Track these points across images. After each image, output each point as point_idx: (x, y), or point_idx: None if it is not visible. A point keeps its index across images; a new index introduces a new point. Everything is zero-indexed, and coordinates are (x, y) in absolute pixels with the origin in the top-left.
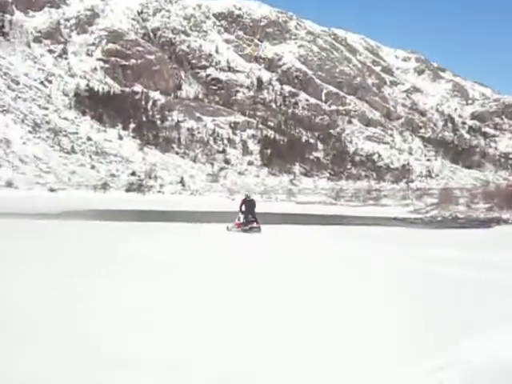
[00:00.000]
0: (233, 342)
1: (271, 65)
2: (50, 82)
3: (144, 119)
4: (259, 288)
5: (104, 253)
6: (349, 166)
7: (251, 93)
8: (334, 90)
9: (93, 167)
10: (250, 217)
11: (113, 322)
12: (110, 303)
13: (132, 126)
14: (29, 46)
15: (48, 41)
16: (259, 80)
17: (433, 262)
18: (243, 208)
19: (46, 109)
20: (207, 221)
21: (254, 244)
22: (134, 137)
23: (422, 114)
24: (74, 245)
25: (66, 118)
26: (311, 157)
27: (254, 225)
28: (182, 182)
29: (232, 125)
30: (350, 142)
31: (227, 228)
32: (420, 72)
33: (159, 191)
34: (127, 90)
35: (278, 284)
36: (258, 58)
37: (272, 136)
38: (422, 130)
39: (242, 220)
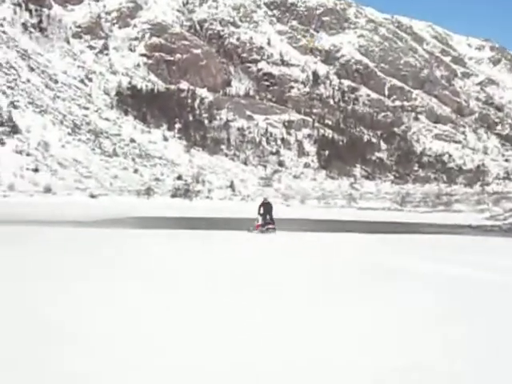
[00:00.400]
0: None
1: (328, 57)
2: (91, 79)
3: (191, 119)
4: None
5: (115, 263)
6: (415, 168)
7: (307, 88)
8: (399, 83)
9: (136, 171)
10: (267, 218)
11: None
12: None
13: (178, 126)
14: (68, 42)
15: (88, 36)
16: (315, 74)
17: None
18: (261, 210)
19: (87, 109)
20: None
21: (307, 255)
22: (179, 138)
23: (499, 108)
24: (76, 253)
25: (107, 119)
26: (373, 158)
27: (270, 226)
28: (231, 186)
29: (286, 124)
30: (417, 141)
31: (248, 230)
32: (495, 62)
33: (207, 197)
34: (172, 87)
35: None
36: (313, 49)
37: (330, 135)
38: (499, 127)
39: (260, 222)
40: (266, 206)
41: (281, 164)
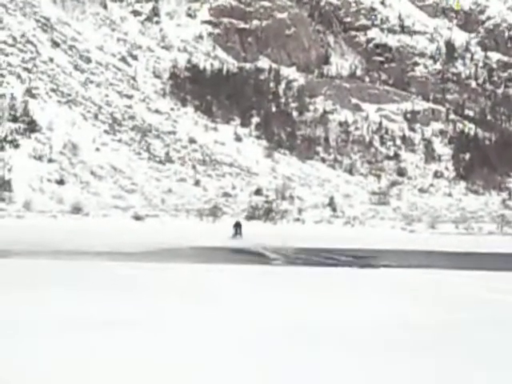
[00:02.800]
0: None
1: (468, 21)
2: (136, 57)
3: (273, 110)
4: None
5: None
6: None
7: (437, 65)
8: None
9: (197, 183)
10: None
11: None
12: None
13: (255, 120)
14: (104, 7)
15: None
16: (450, 45)
17: None
18: None
19: (130, 97)
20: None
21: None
22: (258, 137)
23: None
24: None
25: (158, 111)
26: None
27: None
28: (331, 204)
29: (408, 116)
30: None
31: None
32: None
33: (297, 219)
34: (248, 66)
35: None
36: (446, 10)
37: (472, 132)
38: None
39: None
40: None
41: (401, 173)
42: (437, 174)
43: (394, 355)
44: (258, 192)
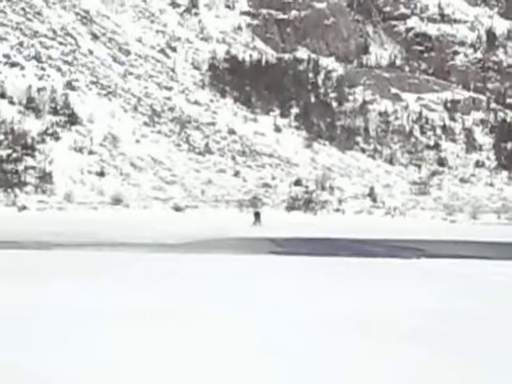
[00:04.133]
0: None
1: (509, 9)
2: (174, 49)
3: (312, 100)
4: None
5: None
6: None
7: (478, 54)
8: None
9: (237, 174)
10: None
11: None
12: None
13: (294, 111)
14: None
15: None
16: (491, 33)
17: None
18: None
19: (169, 89)
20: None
21: None
22: (297, 127)
23: None
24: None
25: (197, 102)
26: None
27: None
28: (371, 194)
29: (448, 105)
30: None
31: None
32: None
33: (337, 209)
34: (287, 56)
35: None
36: None
37: None
38: None
39: None
40: None
41: (442, 163)
42: (478, 164)
43: (448, 345)
44: (298, 183)
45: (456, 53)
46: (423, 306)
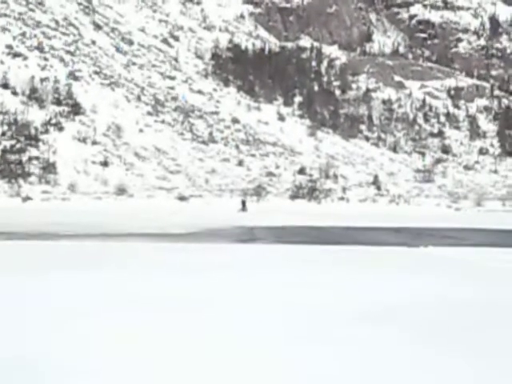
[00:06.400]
0: None
1: None
2: (177, 38)
3: (316, 89)
4: None
5: None
6: None
7: (481, 41)
8: None
9: (241, 163)
10: None
11: None
12: None
13: (298, 99)
14: None
15: None
16: (494, 20)
17: None
18: None
19: (172, 78)
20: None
21: None
22: (301, 116)
23: None
24: None
25: (200, 92)
26: None
27: None
28: (376, 182)
29: (452, 92)
30: None
31: None
32: None
33: (341, 198)
34: (290, 45)
35: None
36: None
37: None
38: None
39: None
40: None
41: (446, 150)
42: (482, 151)
43: (465, 336)
44: (302, 171)
45: (459, 40)
46: (434, 294)
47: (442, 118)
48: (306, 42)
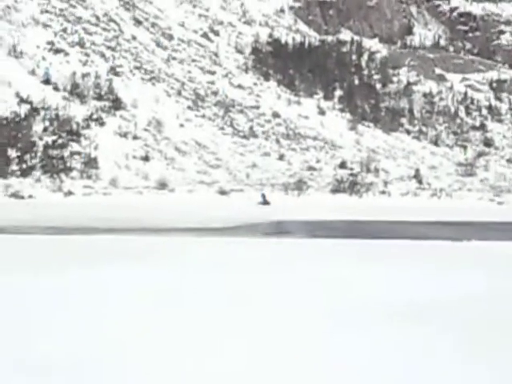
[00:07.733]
0: None
1: None
2: (217, 33)
3: (356, 82)
4: None
5: None
6: None
7: None
8: None
9: (282, 157)
10: None
11: None
12: None
13: (338, 93)
14: None
15: None
16: None
17: None
18: None
19: (212, 73)
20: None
21: None
22: (341, 110)
23: None
24: None
25: (240, 86)
26: None
27: None
28: (417, 176)
29: (494, 85)
30: None
31: None
32: None
33: (383, 191)
34: (330, 39)
35: None
36: None
37: None
38: None
39: None
40: None
41: (488, 143)
42: None
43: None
44: (343, 165)
45: (501, 32)
46: (480, 290)
47: (484, 111)
48: (346, 35)
